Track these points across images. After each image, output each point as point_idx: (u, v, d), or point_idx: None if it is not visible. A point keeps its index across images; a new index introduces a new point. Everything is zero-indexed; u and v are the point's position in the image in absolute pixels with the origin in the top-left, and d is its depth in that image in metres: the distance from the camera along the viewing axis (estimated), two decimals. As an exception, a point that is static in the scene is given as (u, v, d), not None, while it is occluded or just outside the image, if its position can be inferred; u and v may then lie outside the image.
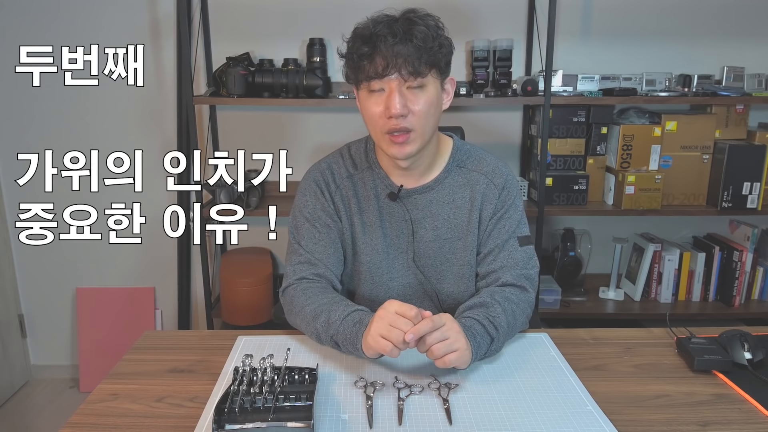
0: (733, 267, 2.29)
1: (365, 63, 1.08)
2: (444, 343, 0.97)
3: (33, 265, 2.54)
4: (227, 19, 2.31)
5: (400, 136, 1.10)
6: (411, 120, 1.09)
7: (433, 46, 1.07)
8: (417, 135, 1.12)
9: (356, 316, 1.06)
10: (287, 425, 0.88)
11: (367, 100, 1.12)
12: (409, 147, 1.12)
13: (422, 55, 1.06)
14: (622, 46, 2.35)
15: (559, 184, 2.21)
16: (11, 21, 2.29)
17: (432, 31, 1.08)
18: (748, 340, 1.11)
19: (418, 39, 1.05)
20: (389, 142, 1.12)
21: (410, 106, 1.09)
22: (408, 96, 1.09)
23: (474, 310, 1.11)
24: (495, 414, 0.94)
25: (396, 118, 1.08)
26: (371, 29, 1.07)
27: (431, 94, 1.11)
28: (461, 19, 2.29)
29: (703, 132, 2.22)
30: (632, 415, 0.95)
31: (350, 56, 1.10)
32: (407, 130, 1.10)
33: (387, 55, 1.05)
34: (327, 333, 1.09)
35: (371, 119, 1.12)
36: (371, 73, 1.07)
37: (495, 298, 1.13)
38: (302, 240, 1.23)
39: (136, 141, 2.38)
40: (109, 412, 0.96)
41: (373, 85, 1.09)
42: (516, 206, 1.26)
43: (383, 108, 1.09)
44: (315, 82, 2.12)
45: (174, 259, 2.51)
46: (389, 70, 1.06)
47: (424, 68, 1.07)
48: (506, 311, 1.11)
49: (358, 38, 1.09)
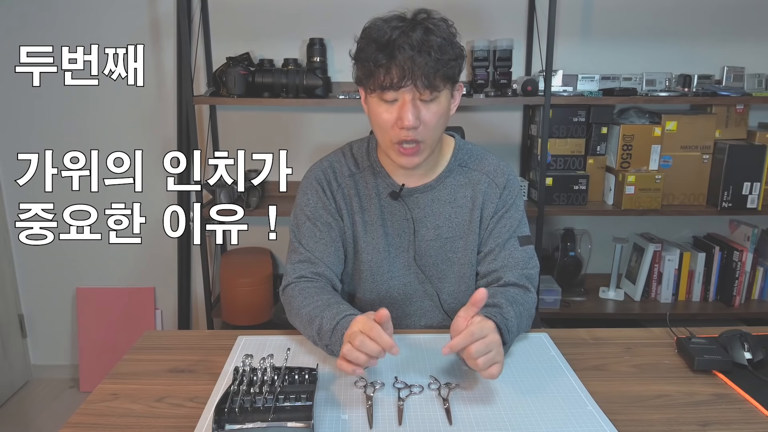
0: (733, 267, 2.29)
1: (381, 72, 1.05)
2: (488, 356, 0.94)
3: (33, 265, 2.54)
4: (227, 19, 2.31)
5: (410, 148, 1.10)
6: (421, 131, 1.09)
7: (449, 59, 1.06)
8: (426, 146, 1.12)
9: (345, 325, 1.03)
10: (287, 425, 0.88)
11: (377, 106, 1.10)
12: (417, 158, 1.12)
13: (439, 68, 1.05)
14: (622, 46, 2.35)
15: (559, 184, 2.21)
16: (11, 21, 2.29)
17: (448, 40, 1.07)
18: (748, 340, 1.11)
19: (435, 51, 1.04)
20: (398, 152, 1.11)
21: (422, 117, 1.08)
22: (420, 108, 1.07)
23: (488, 310, 1.08)
24: (495, 414, 0.94)
25: (408, 129, 1.07)
26: (388, 35, 1.04)
27: (443, 106, 1.10)
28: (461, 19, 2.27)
29: (703, 132, 2.22)
30: (632, 415, 0.95)
31: (365, 62, 1.08)
32: (417, 141, 1.09)
33: (404, 66, 1.03)
34: (321, 341, 1.08)
35: (381, 127, 1.11)
36: (386, 84, 1.05)
37: (506, 298, 1.12)
38: (303, 238, 1.23)
39: (136, 141, 2.38)
40: (109, 412, 0.96)
41: (387, 96, 1.07)
42: (517, 206, 1.26)
43: (395, 118, 1.08)
44: (315, 82, 2.12)
45: (174, 259, 2.51)
46: (405, 82, 1.04)
47: (439, 82, 1.06)
48: (516, 314, 1.11)
49: (373, 43, 1.06)
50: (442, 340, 1.17)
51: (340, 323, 1.04)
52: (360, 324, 0.95)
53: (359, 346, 0.92)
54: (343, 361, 0.95)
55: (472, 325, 0.94)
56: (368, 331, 0.93)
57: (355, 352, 0.93)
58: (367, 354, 0.92)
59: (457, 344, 0.93)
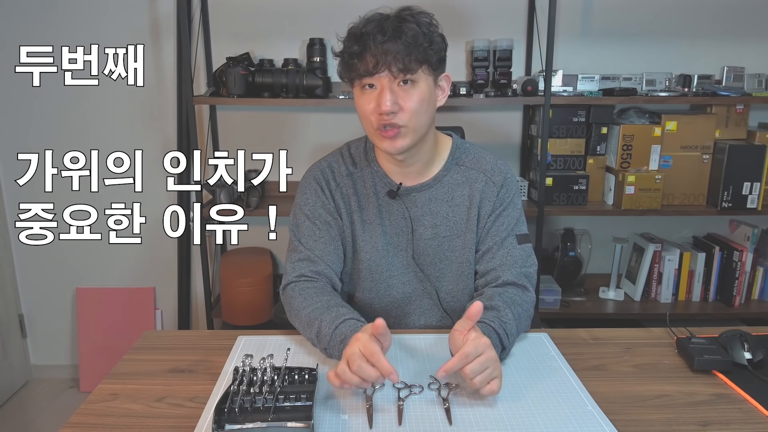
0: (733, 267, 2.29)
1: (356, 61, 1.09)
2: (485, 374, 0.93)
3: (33, 265, 2.54)
4: (227, 19, 2.31)
5: (391, 131, 1.11)
6: (402, 116, 1.10)
7: (423, 43, 1.07)
8: (408, 130, 1.12)
9: (343, 330, 1.03)
10: (287, 425, 0.88)
11: (360, 97, 1.13)
12: (400, 141, 1.12)
13: (412, 52, 1.06)
14: (622, 46, 2.35)
15: (559, 184, 2.21)
16: (11, 21, 2.29)
17: (423, 28, 1.08)
18: (748, 340, 1.11)
19: (407, 36, 1.06)
20: (380, 137, 1.13)
21: (401, 102, 1.09)
22: (399, 93, 1.09)
23: (485, 314, 1.07)
24: (495, 414, 0.94)
25: (386, 114, 1.08)
26: (362, 28, 1.08)
27: (423, 91, 1.11)
28: (461, 19, 2.29)
29: (703, 132, 2.22)
30: (632, 415, 0.95)
31: (342, 55, 1.12)
32: (398, 126, 1.10)
33: (376, 53, 1.06)
34: (320, 344, 1.08)
35: (364, 115, 1.13)
36: (362, 71, 1.08)
37: (504, 301, 1.12)
38: (302, 237, 1.24)
39: (136, 141, 2.38)
40: (109, 412, 0.96)
41: (365, 82, 1.10)
42: (515, 204, 1.26)
43: (374, 104, 1.10)
44: (315, 82, 2.12)
45: (174, 259, 2.51)
46: (379, 68, 1.07)
47: (414, 65, 1.07)
48: (515, 316, 1.11)
49: (350, 37, 1.10)
50: (442, 340, 1.17)
51: (338, 327, 1.04)
52: (361, 344, 0.93)
53: (356, 371, 0.91)
54: (334, 376, 0.93)
55: (466, 345, 0.93)
56: (369, 356, 0.91)
57: (349, 374, 0.91)
58: (362, 379, 0.91)
59: (451, 367, 0.92)
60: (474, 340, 0.94)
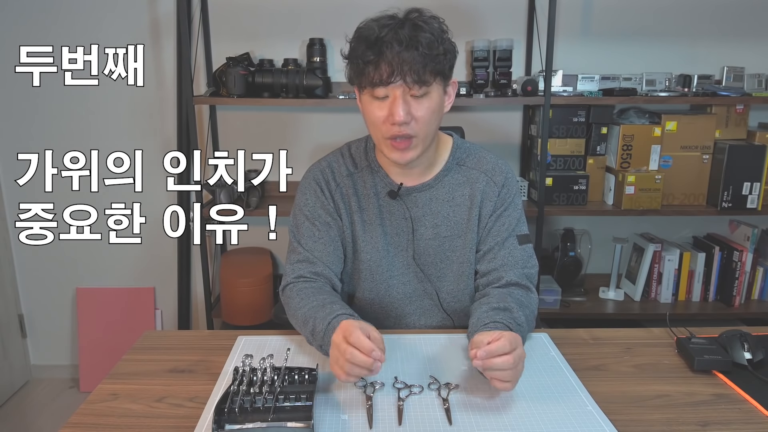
0: (733, 267, 2.29)
1: (370, 69, 1.06)
2: (509, 372, 0.93)
3: (33, 265, 2.54)
4: (227, 19, 2.31)
5: (402, 142, 1.10)
6: (413, 127, 1.09)
7: (438, 54, 1.06)
8: (419, 140, 1.12)
9: (335, 326, 1.03)
10: (287, 425, 0.88)
11: (369, 104, 1.11)
12: (410, 153, 1.12)
13: (428, 63, 1.05)
14: (622, 46, 2.35)
15: (559, 184, 2.21)
16: (11, 21, 2.29)
17: (437, 36, 1.07)
18: (748, 340, 1.11)
19: (423, 46, 1.04)
20: (391, 147, 1.12)
21: (413, 112, 1.08)
22: (411, 103, 1.08)
23: (499, 314, 1.08)
24: (495, 414, 0.94)
25: (399, 125, 1.08)
26: (377, 33, 1.05)
27: (434, 101, 1.10)
28: (461, 19, 2.29)
29: (703, 132, 2.22)
30: (632, 415, 0.95)
31: (355, 60, 1.09)
32: (409, 136, 1.10)
33: (392, 62, 1.04)
34: (315, 342, 1.09)
35: (373, 123, 1.12)
36: (375, 80, 1.06)
37: (516, 302, 1.12)
38: (302, 238, 1.24)
39: (136, 141, 2.38)
40: (109, 412, 0.96)
41: (377, 93, 1.08)
42: (515, 204, 1.26)
43: (386, 114, 1.08)
44: (315, 82, 2.12)
45: (174, 259, 2.51)
46: (394, 78, 1.05)
47: (428, 77, 1.06)
48: (525, 317, 1.11)
49: (363, 42, 1.07)
50: (442, 340, 1.18)
51: (331, 323, 1.04)
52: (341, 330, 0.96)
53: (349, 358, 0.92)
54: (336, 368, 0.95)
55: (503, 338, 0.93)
56: (347, 336, 0.93)
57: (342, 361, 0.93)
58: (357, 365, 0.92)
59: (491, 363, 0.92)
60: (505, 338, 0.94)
